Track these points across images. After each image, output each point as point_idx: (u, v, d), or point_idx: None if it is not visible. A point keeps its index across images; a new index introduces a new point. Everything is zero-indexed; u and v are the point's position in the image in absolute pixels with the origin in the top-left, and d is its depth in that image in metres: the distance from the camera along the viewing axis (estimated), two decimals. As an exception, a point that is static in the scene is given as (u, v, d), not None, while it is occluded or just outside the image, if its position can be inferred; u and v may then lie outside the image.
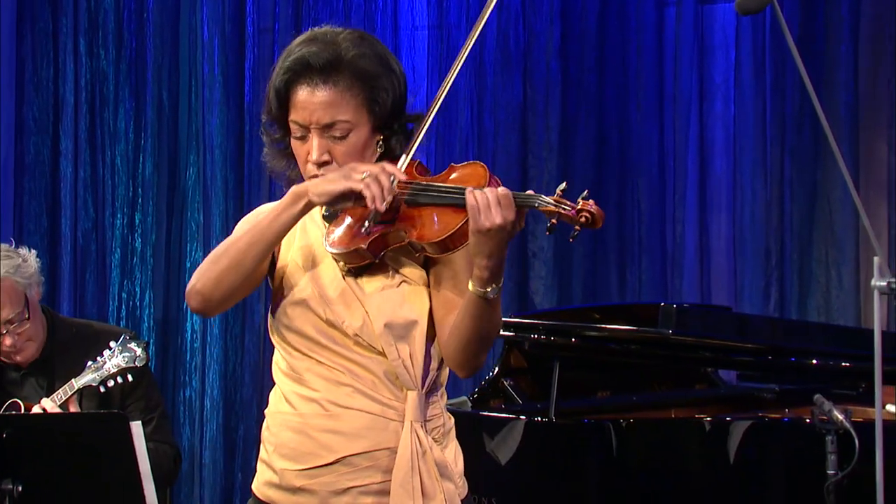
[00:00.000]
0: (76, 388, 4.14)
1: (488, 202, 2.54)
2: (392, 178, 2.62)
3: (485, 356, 2.76)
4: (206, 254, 6.56)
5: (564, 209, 2.54)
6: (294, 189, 2.67)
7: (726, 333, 4.89)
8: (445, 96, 2.79)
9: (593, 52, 6.39)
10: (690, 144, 6.29)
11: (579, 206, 2.54)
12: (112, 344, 4.14)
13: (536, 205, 2.56)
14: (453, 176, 2.69)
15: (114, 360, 4.12)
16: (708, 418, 4.47)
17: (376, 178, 2.60)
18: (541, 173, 6.37)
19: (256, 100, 6.58)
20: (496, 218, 2.54)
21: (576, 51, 6.41)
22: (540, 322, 4.85)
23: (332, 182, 2.63)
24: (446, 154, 6.36)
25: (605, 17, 6.39)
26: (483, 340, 2.70)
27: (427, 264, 2.76)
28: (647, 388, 5.39)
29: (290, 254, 2.82)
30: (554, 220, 2.56)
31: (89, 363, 4.15)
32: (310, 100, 2.71)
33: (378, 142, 2.77)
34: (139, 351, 4.12)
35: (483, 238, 2.56)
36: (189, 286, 2.73)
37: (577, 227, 2.55)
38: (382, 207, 2.60)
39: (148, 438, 3.87)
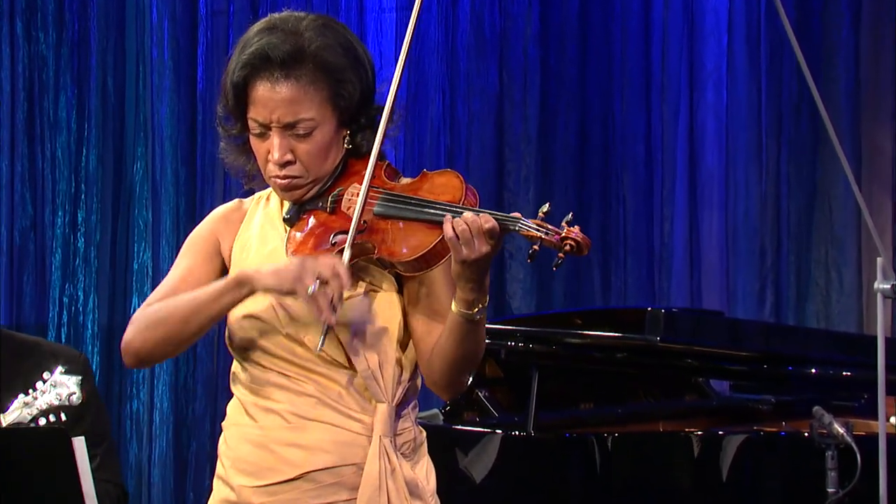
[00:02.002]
0: (3, 424, 4.07)
1: (470, 234, 2.55)
2: (342, 286, 2.60)
3: (469, 376, 2.78)
4: (154, 255, 6.55)
5: (548, 235, 2.54)
6: (239, 274, 2.69)
7: (718, 340, 4.91)
8: (415, 84, 2.80)
9: (575, 37, 6.40)
10: (679, 136, 6.31)
11: (564, 234, 2.54)
12: (46, 375, 4.07)
13: (517, 228, 2.56)
14: (426, 185, 2.69)
15: (46, 396, 4.05)
16: (699, 432, 4.49)
17: (324, 293, 2.58)
18: (518, 167, 6.38)
19: (210, 87, 6.57)
20: (481, 248, 2.55)
21: (556, 35, 6.42)
22: (517, 328, 4.85)
23: (281, 278, 2.63)
24: (416, 146, 6.36)
25: (588, 0, 6.40)
26: (468, 361, 2.72)
27: (399, 276, 2.75)
28: (632, 400, 5.40)
29: (245, 260, 2.81)
30: (536, 247, 2.56)
31: (21, 396, 4.09)
32: (270, 97, 2.70)
33: (344, 137, 2.77)
34: (74, 388, 4.03)
35: (465, 266, 2.57)
36: (124, 343, 2.78)
37: (560, 255, 2.56)
38: (333, 320, 2.60)
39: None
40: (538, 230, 2.55)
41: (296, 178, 2.74)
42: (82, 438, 3.75)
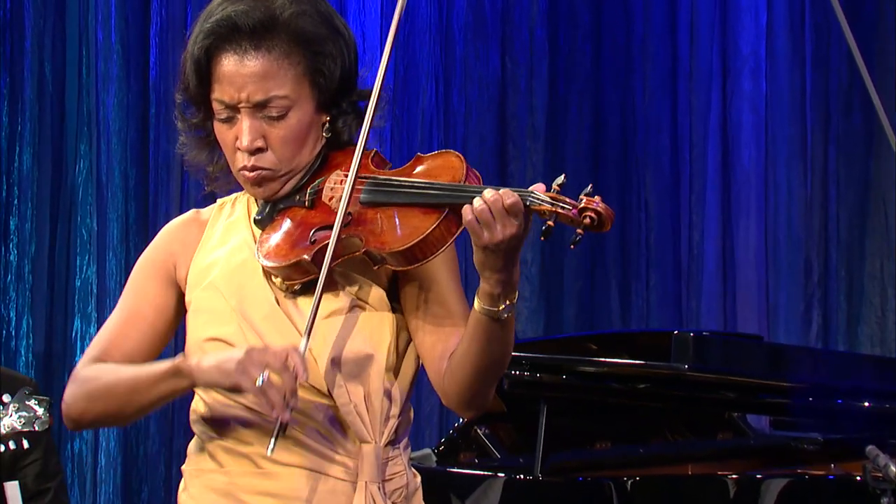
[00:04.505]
0: None
1: (490, 215, 2.55)
2: (296, 379, 2.58)
3: (493, 390, 2.76)
4: (100, 270, 6.55)
5: (563, 208, 2.56)
6: (178, 364, 2.68)
7: (756, 369, 4.93)
8: (404, 70, 2.81)
9: (588, 13, 6.43)
10: (711, 131, 6.33)
11: (582, 205, 2.56)
12: (6, 398, 4.10)
13: (528, 203, 2.57)
14: (420, 168, 2.70)
15: (7, 419, 4.08)
16: (734, 475, 4.51)
17: (275, 385, 2.56)
18: (523, 166, 6.40)
19: (164, 74, 6.58)
20: (505, 231, 2.55)
21: (566, 13, 6.44)
22: (523, 355, 4.86)
23: (223, 371, 2.63)
24: (405, 142, 6.38)
25: (603, -28, 6.44)
26: (495, 371, 2.70)
27: (396, 283, 2.75)
28: (656, 438, 5.41)
29: (207, 269, 2.81)
30: (550, 223, 2.57)
31: None
32: (238, 71, 2.71)
33: (324, 124, 2.77)
34: (40, 412, 4.06)
35: (487, 253, 2.57)
36: (64, 405, 2.81)
37: (579, 231, 2.57)
38: (287, 417, 2.58)
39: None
40: (553, 203, 2.56)
41: (267, 169, 2.74)
42: (15, 483, 3.78)
